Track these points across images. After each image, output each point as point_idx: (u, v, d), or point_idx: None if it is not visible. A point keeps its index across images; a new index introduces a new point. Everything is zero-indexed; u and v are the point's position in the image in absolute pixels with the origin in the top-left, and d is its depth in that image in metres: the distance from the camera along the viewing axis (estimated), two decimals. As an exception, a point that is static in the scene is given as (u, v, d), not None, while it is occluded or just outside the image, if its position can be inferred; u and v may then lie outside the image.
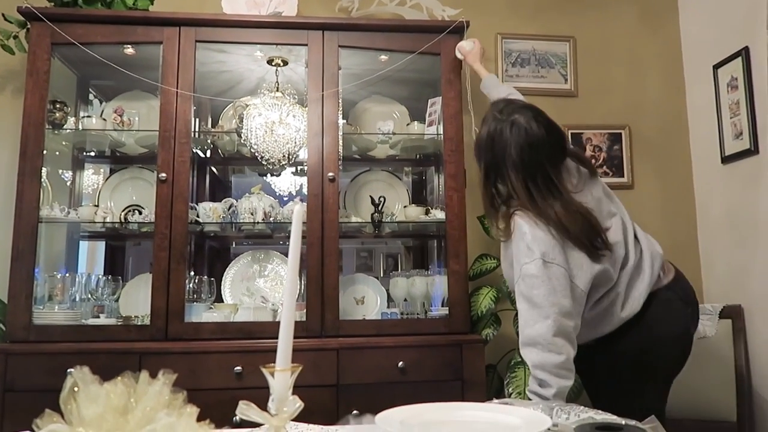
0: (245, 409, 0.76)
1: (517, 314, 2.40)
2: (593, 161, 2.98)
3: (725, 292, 2.74)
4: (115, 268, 2.74)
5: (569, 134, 2.97)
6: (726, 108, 2.75)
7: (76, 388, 0.71)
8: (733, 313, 2.52)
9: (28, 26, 2.36)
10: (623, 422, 1.05)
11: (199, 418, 0.77)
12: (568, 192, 1.58)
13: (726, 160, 2.75)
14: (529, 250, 1.51)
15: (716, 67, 2.81)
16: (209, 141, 2.75)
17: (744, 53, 2.61)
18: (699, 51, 3.00)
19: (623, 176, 2.99)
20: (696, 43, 3.04)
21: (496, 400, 1.32)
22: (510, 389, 2.29)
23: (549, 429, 0.88)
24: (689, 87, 3.09)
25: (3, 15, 2.44)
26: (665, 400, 1.70)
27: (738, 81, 2.65)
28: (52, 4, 2.42)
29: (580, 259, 1.54)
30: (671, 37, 3.15)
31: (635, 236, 1.69)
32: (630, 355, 1.63)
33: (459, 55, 2.45)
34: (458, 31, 2.47)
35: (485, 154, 1.65)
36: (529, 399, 1.46)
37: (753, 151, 2.57)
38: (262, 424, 0.79)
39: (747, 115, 2.59)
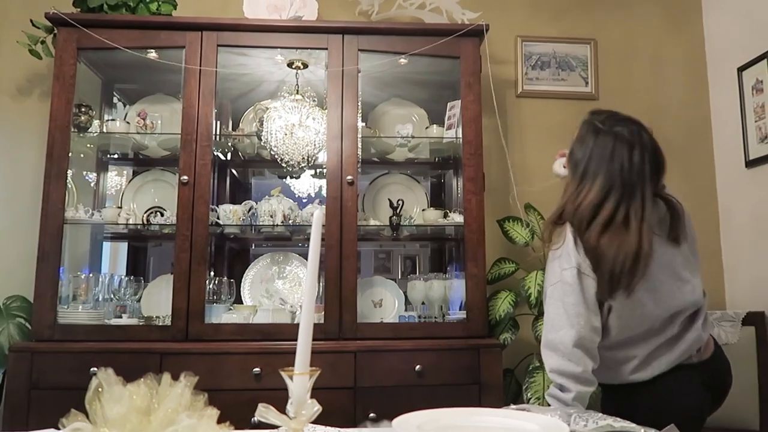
0: (264, 412, 0.77)
1: (535, 318, 2.40)
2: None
3: (748, 298, 2.69)
4: (137, 268, 2.79)
5: (590, 137, 2.94)
6: (751, 111, 2.70)
7: (100, 389, 0.73)
8: (756, 320, 2.47)
9: (55, 31, 2.41)
10: (642, 430, 1.04)
11: (219, 419, 0.79)
12: (636, 221, 1.45)
13: (750, 164, 2.71)
14: (569, 257, 1.47)
15: (741, 69, 2.77)
16: (230, 144, 2.78)
17: (769, 56, 2.57)
18: (723, 53, 2.96)
19: (644, 180, 2.95)
20: (720, 45, 2.99)
21: (513, 406, 1.31)
22: (529, 394, 2.28)
23: (567, 436, 0.87)
24: (713, 90, 3.04)
25: (31, 21, 2.49)
26: None
27: (763, 84, 2.61)
28: (78, 10, 2.47)
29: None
30: (695, 39, 3.11)
31: (693, 316, 1.53)
32: (635, 416, 1.35)
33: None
34: (477, 33, 2.47)
35: (581, 163, 1.53)
36: (548, 404, 1.45)
37: (778, 155, 2.52)
38: (280, 426, 0.80)
39: (772, 118, 2.55)
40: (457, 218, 2.53)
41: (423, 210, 2.68)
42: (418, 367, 2.18)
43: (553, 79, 2.99)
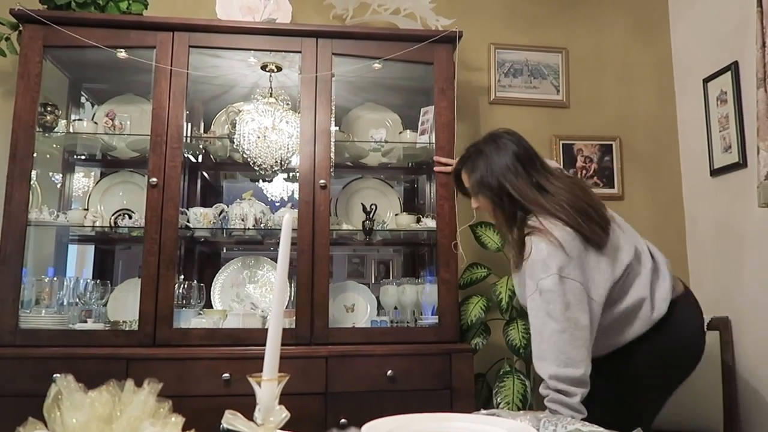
0: (231, 419, 0.76)
1: (506, 323, 2.42)
2: (584, 172, 3.01)
3: (713, 304, 2.75)
4: (104, 272, 2.72)
5: (560, 145, 3.00)
6: (715, 121, 2.77)
7: (60, 396, 0.70)
8: (720, 325, 2.53)
9: (20, 28, 2.35)
10: (610, 434, 1.05)
11: (187, 426, 0.77)
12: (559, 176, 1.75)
13: (715, 173, 2.78)
14: (545, 266, 1.54)
15: (706, 80, 2.84)
16: (201, 146, 2.74)
17: (733, 68, 2.64)
18: (689, 64, 3.03)
19: (614, 187, 3.01)
20: (687, 57, 3.07)
21: (483, 411, 1.32)
22: (498, 399, 2.29)
23: (535, 441, 0.88)
24: (679, 100, 3.12)
25: (-5, 17, 2.43)
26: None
27: (727, 95, 2.68)
28: (45, 7, 2.41)
29: (599, 265, 1.60)
30: (662, 50, 3.19)
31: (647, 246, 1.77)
32: (650, 361, 1.67)
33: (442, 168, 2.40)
34: (451, 40, 2.48)
35: (488, 180, 1.73)
36: (517, 410, 1.47)
37: (741, 164, 2.59)
38: (248, 434, 0.78)
39: (736, 128, 2.62)
40: (430, 223, 2.53)
41: (396, 215, 2.68)
42: (389, 372, 2.17)
43: (525, 86, 3.03)
